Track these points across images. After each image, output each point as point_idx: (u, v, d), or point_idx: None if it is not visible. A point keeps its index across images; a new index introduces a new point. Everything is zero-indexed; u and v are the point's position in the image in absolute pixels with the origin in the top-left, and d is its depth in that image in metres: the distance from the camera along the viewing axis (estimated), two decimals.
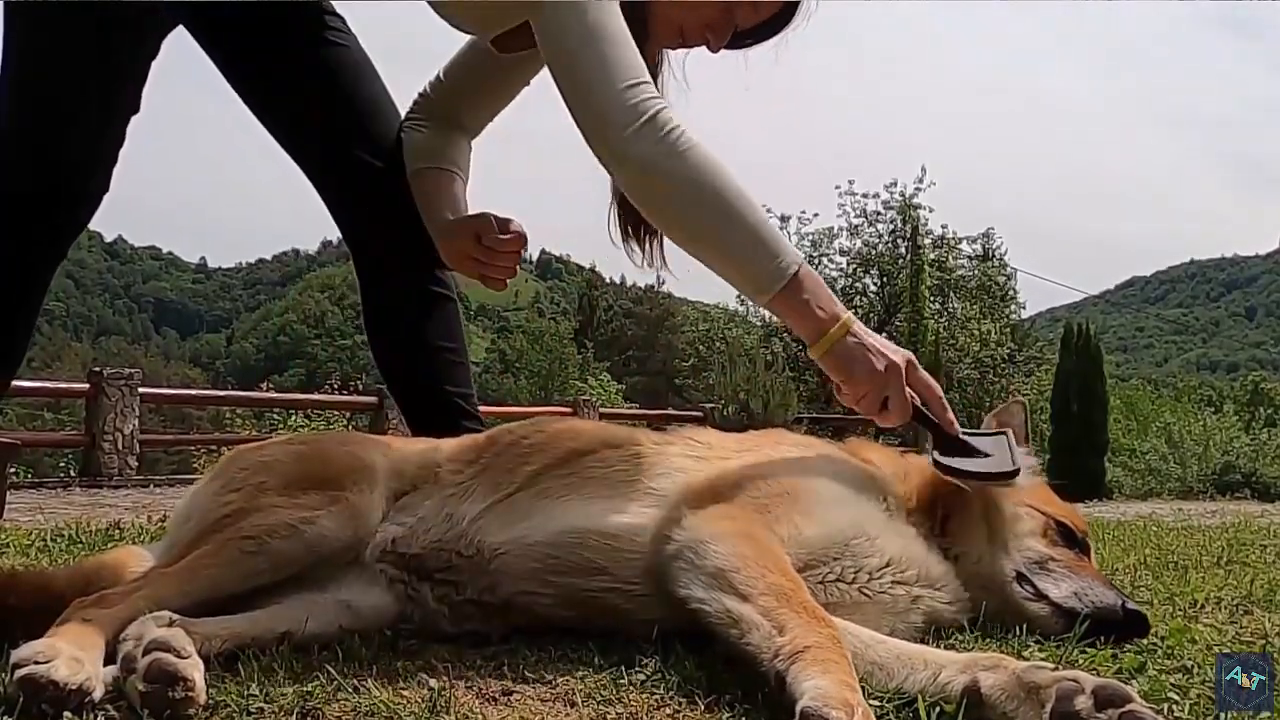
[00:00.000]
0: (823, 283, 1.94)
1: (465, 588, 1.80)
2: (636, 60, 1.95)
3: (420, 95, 2.58)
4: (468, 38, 2.50)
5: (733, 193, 1.90)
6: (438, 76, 2.57)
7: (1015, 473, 1.93)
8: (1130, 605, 1.85)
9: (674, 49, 2.28)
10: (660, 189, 1.93)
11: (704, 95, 2.30)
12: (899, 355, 1.92)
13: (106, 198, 2.45)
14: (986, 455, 1.97)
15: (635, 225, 2.32)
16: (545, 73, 2.43)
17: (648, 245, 2.34)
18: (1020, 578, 1.92)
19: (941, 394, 1.96)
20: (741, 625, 1.47)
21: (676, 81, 2.31)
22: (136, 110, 2.44)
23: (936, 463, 1.93)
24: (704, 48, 2.27)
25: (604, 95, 1.91)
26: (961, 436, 1.97)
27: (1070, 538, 2.00)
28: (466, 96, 2.54)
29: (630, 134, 1.88)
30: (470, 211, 2.49)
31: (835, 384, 1.96)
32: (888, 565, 1.78)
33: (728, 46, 2.28)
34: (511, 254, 2.42)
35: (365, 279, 2.64)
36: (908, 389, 1.92)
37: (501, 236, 2.39)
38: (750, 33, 2.27)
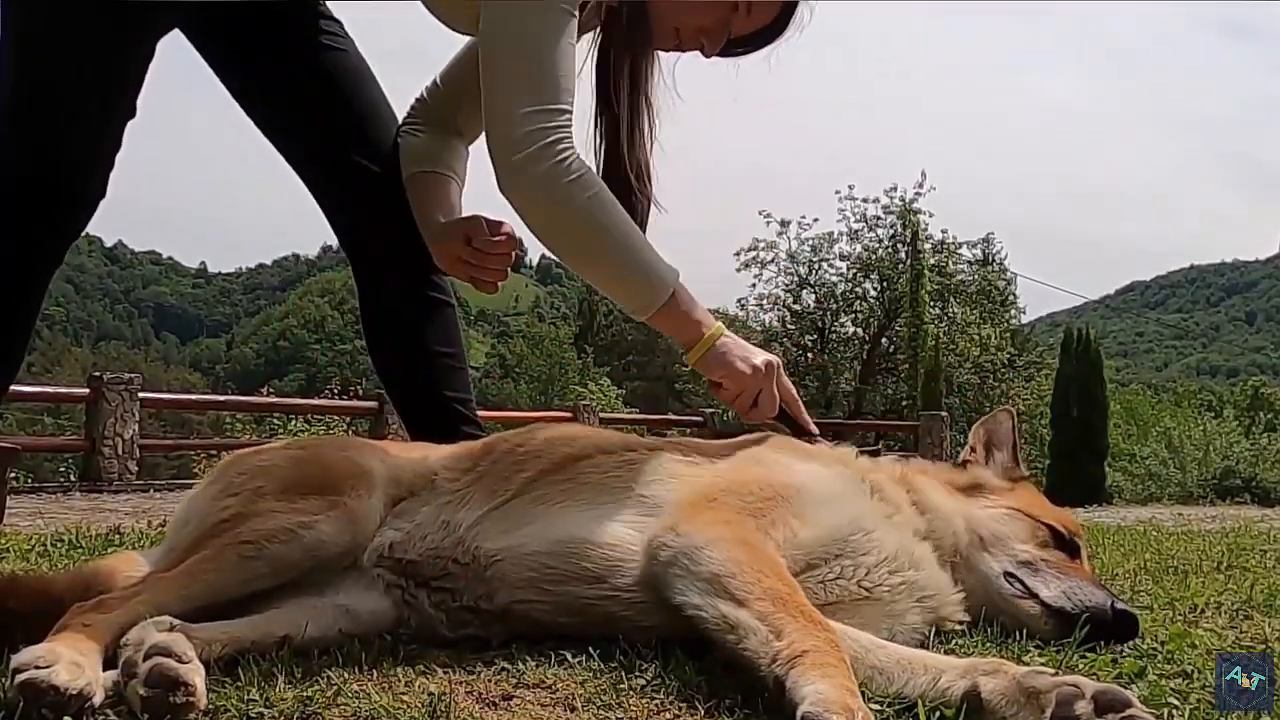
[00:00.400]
0: (694, 297, 2.11)
1: (462, 595, 1.79)
2: (557, 82, 1.98)
3: (417, 100, 2.58)
4: (465, 40, 2.50)
5: (614, 222, 2.01)
6: (435, 81, 2.57)
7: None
8: (1119, 605, 1.86)
9: (669, 51, 2.27)
10: (546, 217, 2.02)
11: (706, 102, 2.30)
12: (769, 358, 2.12)
13: (107, 202, 2.45)
14: None
15: None
16: None
17: None
18: (1008, 575, 1.94)
19: (798, 397, 2.18)
20: (738, 630, 1.47)
21: (666, 86, 2.30)
22: (133, 115, 2.44)
23: None
24: (699, 52, 2.26)
25: (508, 113, 1.96)
26: (817, 436, 2.18)
27: (1060, 540, 2.01)
28: (463, 101, 2.53)
29: (522, 158, 1.95)
30: (463, 215, 2.48)
31: (712, 383, 2.14)
32: (885, 560, 1.79)
33: (721, 54, 2.27)
34: (502, 256, 2.42)
35: (363, 284, 2.63)
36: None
37: (492, 239, 2.39)
38: (743, 41, 2.26)
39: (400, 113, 2.58)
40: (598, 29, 2.26)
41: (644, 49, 2.18)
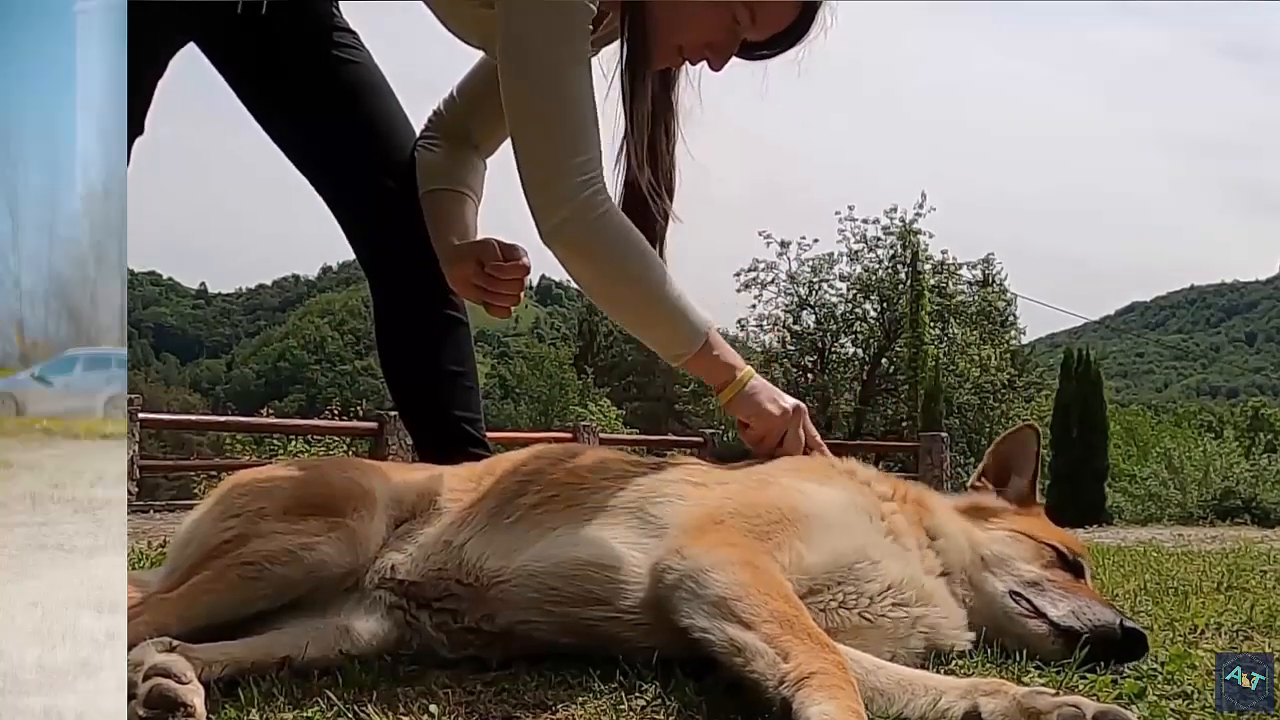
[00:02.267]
0: (724, 342, 2.18)
1: (463, 615, 1.80)
2: (585, 125, 2.01)
3: (434, 113, 2.55)
4: (479, 54, 2.49)
5: (652, 272, 2.07)
6: (451, 94, 2.55)
7: None
8: (1128, 624, 1.85)
9: (675, 67, 2.24)
10: (587, 268, 2.08)
11: (706, 120, 2.28)
12: (797, 403, 2.18)
13: None
14: None
15: None
16: None
17: None
18: (1014, 595, 1.93)
19: (823, 444, 2.22)
20: (745, 653, 1.47)
21: (693, 91, 2.28)
22: (141, 131, 2.45)
23: None
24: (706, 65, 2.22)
25: (546, 167, 2.00)
26: None
27: (1065, 561, 2.01)
28: (479, 114, 2.50)
29: (566, 214, 1.99)
30: (479, 235, 2.46)
31: (741, 423, 2.18)
32: (889, 589, 1.78)
33: (746, 57, 2.23)
34: (514, 282, 2.37)
35: (379, 300, 2.62)
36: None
37: (503, 264, 2.36)
38: (766, 44, 2.22)
39: (417, 126, 2.57)
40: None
41: (641, 67, 2.15)
